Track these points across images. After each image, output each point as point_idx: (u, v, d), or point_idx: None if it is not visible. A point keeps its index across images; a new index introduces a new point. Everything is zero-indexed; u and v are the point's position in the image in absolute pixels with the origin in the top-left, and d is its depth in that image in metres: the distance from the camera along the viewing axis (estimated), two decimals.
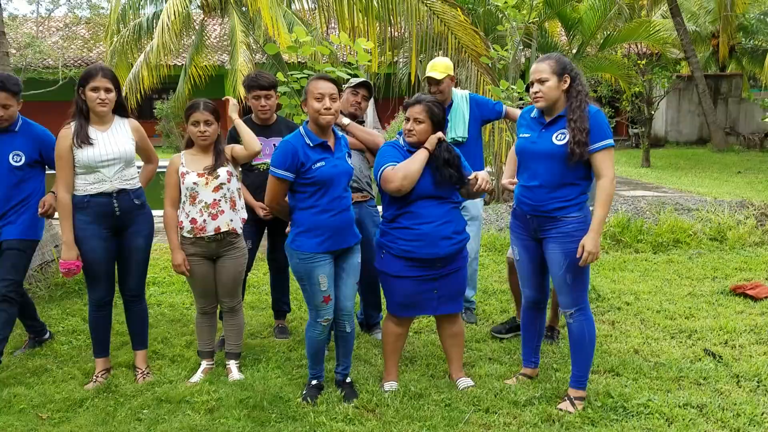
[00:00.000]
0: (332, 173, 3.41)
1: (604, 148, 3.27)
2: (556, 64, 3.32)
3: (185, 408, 3.54)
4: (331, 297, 3.52)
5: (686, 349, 4.24)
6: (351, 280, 3.62)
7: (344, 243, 3.52)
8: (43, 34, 21.95)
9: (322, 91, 3.38)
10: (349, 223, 3.53)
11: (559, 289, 3.45)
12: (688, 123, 20.80)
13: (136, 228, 3.82)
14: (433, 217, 3.49)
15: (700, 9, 21.95)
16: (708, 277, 5.98)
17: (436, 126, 3.55)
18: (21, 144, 3.96)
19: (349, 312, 3.63)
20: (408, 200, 3.49)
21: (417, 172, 3.44)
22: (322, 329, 3.56)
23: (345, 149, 3.58)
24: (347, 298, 3.62)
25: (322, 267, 3.46)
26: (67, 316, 5.04)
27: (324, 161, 3.41)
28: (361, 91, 4.39)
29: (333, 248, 3.48)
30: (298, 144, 3.40)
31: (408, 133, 3.55)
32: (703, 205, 7.96)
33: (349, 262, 3.60)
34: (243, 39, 13.22)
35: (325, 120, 3.40)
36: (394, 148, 3.61)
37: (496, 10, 9.61)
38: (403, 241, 3.52)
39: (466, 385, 3.71)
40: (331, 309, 3.54)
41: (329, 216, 3.43)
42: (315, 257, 3.45)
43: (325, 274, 3.47)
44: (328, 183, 3.41)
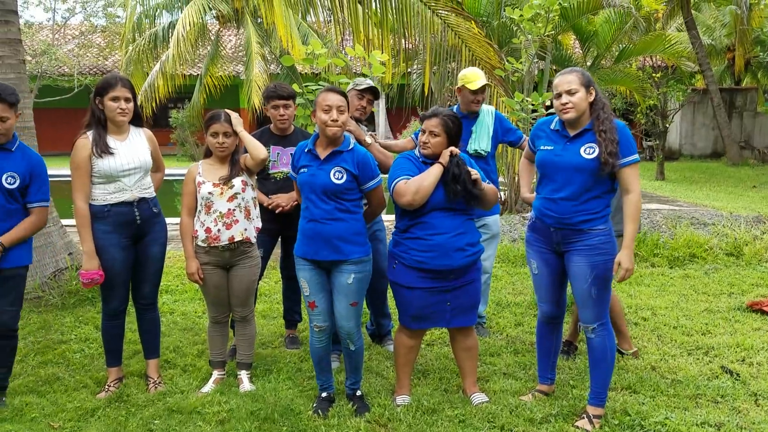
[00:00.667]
0: (306, 181, 3.47)
1: (632, 163, 3.26)
2: (583, 77, 3.31)
3: (196, 419, 3.52)
4: (317, 305, 3.53)
5: (703, 366, 4.18)
6: (343, 300, 3.52)
7: (316, 255, 3.47)
8: (59, 41, 22.17)
9: (330, 103, 3.42)
10: (323, 237, 3.43)
11: (582, 303, 3.41)
12: (702, 136, 20.68)
13: (153, 236, 3.83)
14: (446, 228, 3.46)
15: (716, 22, 21.87)
16: (724, 292, 5.91)
17: (452, 139, 3.53)
18: (16, 165, 3.54)
19: (349, 332, 3.56)
20: (422, 211, 3.47)
21: (430, 187, 3.42)
22: (317, 335, 3.58)
23: (343, 164, 3.46)
24: (342, 318, 3.54)
25: (301, 271, 3.54)
26: (80, 324, 5.04)
27: (306, 168, 3.49)
28: (367, 96, 4.37)
29: (306, 255, 3.51)
30: (300, 148, 3.60)
31: (423, 146, 3.54)
32: (719, 219, 7.88)
33: (337, 280, 3.51)
34: (258, 50, 13.32)
35: (331, 131, 3.43)
36: (408, 160, 3.59)
37: (511, 23, 9.60)
38: (416, 251, 3.50)
39: (481, 400, 3.66)
40: (320, 317, 3.55)
41: (304, 222, 3.51)
42: (298, 260, 3.56)
43: (305, 279, 3.52)
44: (305, 190, 3.49)
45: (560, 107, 3.33)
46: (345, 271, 3.49)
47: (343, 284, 3.50)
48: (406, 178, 3.48)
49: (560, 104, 3.32)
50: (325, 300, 3.55)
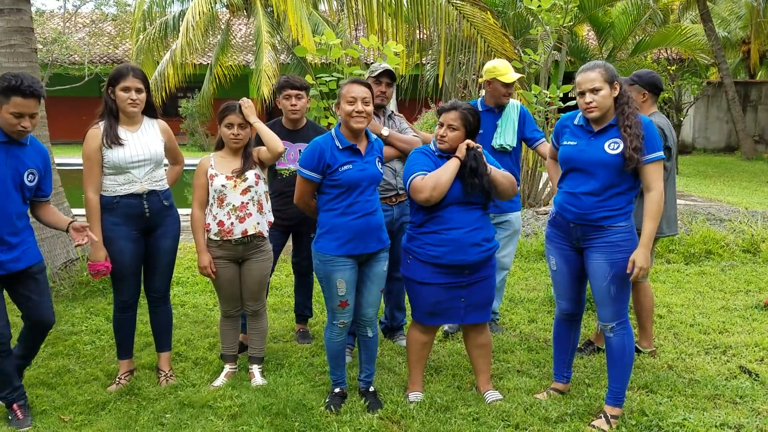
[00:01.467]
0: (358, 177, 3.37)
1: (656, 160, 3.18)
2: (606, 72, 3.22)
3: (208, 413, 3.49)
4: (349, 303, 3.48)
5: (721, 366, 4.11)
6: (375, 288, 3.57)
7: (366, 248, 3.45)
8: (70, 30, 22.15)
9: (355, 95, 3.35)
10: (372, 228, 3.44)
11: (601, 301, 3.34)
12: (716, 130, 20.48)
13: (164, 229, 3.78)
14: (462, 223, 3.41)
15: (731, 15, 21.62)
16: (741, 290, 5.82)
17: (470, 134, 3.47)
18: (33, 161, 3.36)
19: (371, 318, 3.59)
20: (438, 206, 3.41)
21: (448, 183, 3.35)
22: (339, 331, 3.54)
23: (377, 154, 3.53)
24: (369, 305, 3.57)
25: (341, 271, 3.42)
26: (91, 315, 5.02)
27: (351, 164, 3.37)
28: (384, 80, 4.28)
29: (353, 252, 3.42)
30: (326, 146, 3.40)
31: (440, 140, 3.47)
32: (735, 215, 7.78)
33: (373, 270, 3.54)
34: (268, 39, 13.25)
35: (356, 124, 3.37)
36: (424, 155, 3.52)
37: (527, 13, 9.49)
38: (431, 246, 3.45)
39: (494, 398, 3.61)
40: (348, 313, 3.52)
41: (351, 219, 3.38)
42: (335, 260, 3.41)
43: (344, 279, 3.43)
44: (353, 186, 3.37)
45: (584, 106, 3.24)
46: (382, 258, 3.55)
47: (379, 272, 3.56)
48: (423, 174, 3.40)
49: (584, 103, 3.24)
50: (354, 296, 3.53)
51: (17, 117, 3.16)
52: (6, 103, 3.14)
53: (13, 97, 3.13)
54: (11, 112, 3.14)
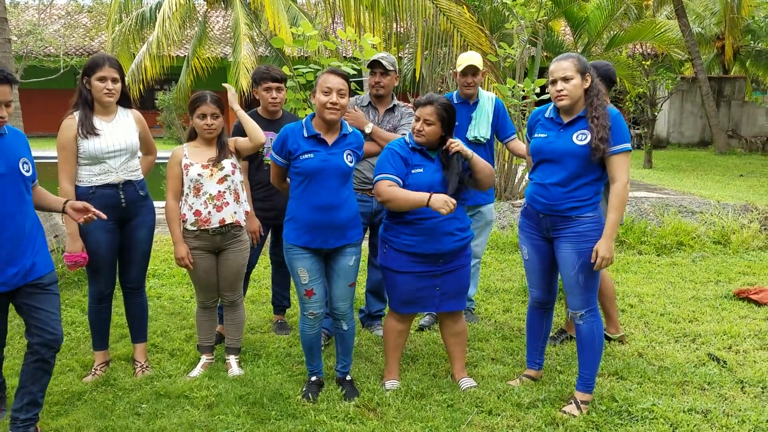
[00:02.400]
0: (319, 167, 3.35)
1: (623, 151, 3.25)
2: (579, 63, 3.29)
3: (184, 403, 3.50)
4: (315, 292, 3.48)
5: (690, 354, 4.20)
6: (341, 282, 3.54)
7: (324, 243, 3.43)
8: (45, 21, 21.85)
9: (331, 86, 3.33)
10: (334, 225, 3.41)
11: (570, 290, 3.41)
12: (690, 125, 20.76)
13: (140, 219, 3.78)
14: (436, 213, 3.41)
15: (706, 11, 21.90)
16: (712, 280, 5.94)
17: (446, 128, 3.49)
18: (19, 149, 3.07)
19: (344, 312, 3.58)
20: None
21: (405, 208, 3.40)
22: (311, 323, 3.54)
23: (348, 147, 3.47)
24: (338, 299, 3.57)
25: (301, 260, 3.44)
26: (66, 308, 5.00)
27: (313, 154, 3.36)
28: (376, 69, 4.26)
29: (311, 245, 3.42)
30: (292, 132, 3.43)
31: (417, 134, 3.49)
32: (706, 207, 7.92)
33: (339, 263, 3.52)
34: (246, 32, 13.18)
35: (329, 115, 3.36)
36: (397, 153, 3.48)
37: (503, 8, 9.56)
38: (405, 235, 3.50)
39: (469, 385, 3.67)
40: (316, 304, 3.51)
41: (309, 210, 3.38)
42: (294, 249, 3.45)
43: (305, 268, 3.44)
44: (313, 176, 3.36)
45: (555, 94, 3.31)
46: (347, 253, 3.51)
47: (345, 266, 3.52)
48: (391, 179, 3.41)
49: (555, 91, 3.30)
50: (322, 286, 3.53)
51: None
52: None
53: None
54: None
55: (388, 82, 4.28)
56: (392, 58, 4.37)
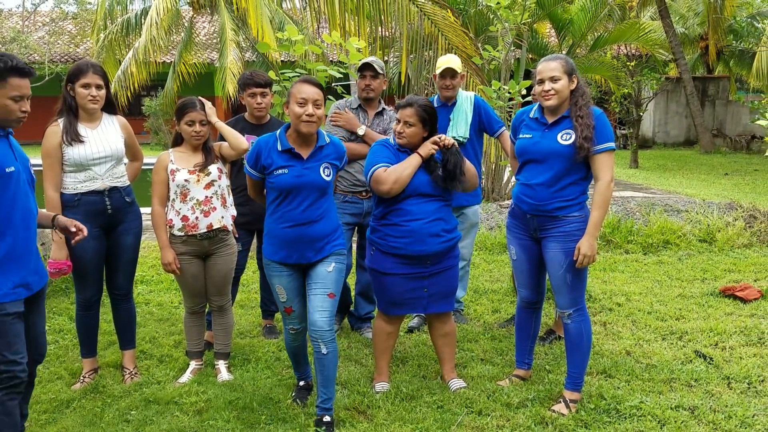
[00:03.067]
0: (293, 183, 3.19)
1: (606, 150, 3.28)
2: (567, 64, 3.33)
3: (174, 409, 3.49)
4: (294, 309, 3.38)
5: (677, 351, 4.24)
6: (319, 291, 3.25)
7: (301, 258, 3.27)
8: (29, 28, 21.75)
9: (306, 96, 3.14)
10: (308, 239, 3.24)
11: (558, 289, 3.44)
12: (675, 124, 20.92)
13: (126, 226, 3.76)
14: (422, 214, 3.45)
15: (689, 11, 22.11)
16: (698, 278, 6.00)
17: (427, 128, 3.51)
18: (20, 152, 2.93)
19: (321, 328, 3.20)
20: (397, 198, 3.47)
21: (408, 178, 3.41)
22: (292, 337, 3.48)
23: (326, 160, 3.28)
24: (315, 310, 3.23)
25: (278, 277, 3.32)
26: (54, 315, 4.97)
27: (287, 169, 3.19)
28: (366, 72, 4.31)
29: (287, 261, 3.28)
30: (266, 145, 3.26)
31: (398, 135, 3.51)
32: (692, 206, 7.99)
33: (316, 271, 3.29)
34: (233, 37, 13.16)
35: (306, 128, 3.17)
36: (385, 148, 3.57)
37: (487, 11, 9.60)
38: (392, 237, 3.50)
39: (458, 386, 3.68)
40: (296, 320, 3.41)
41: (284, 227, 3.23)
42: (271, 265, 3.34)
43: (282, 285, 3.32)
44: (286, 192, 3.21)
45: (542, 94, 3.34)
46: (326, 261, 3.31)
47: (323, 273, 3.28)
48: (385, 166, 3.45)
49: (542, 91, 3.33)
50: (301, 303, 3.39)
51: (17, 101, 2.69)
52: (2, 87, 2.64)
53: (11, 78, 2.64)
54: (11, 97, 2.66)
55: (378, 85, 4.35)
56: (381, 62, 4.43)
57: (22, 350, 2.70)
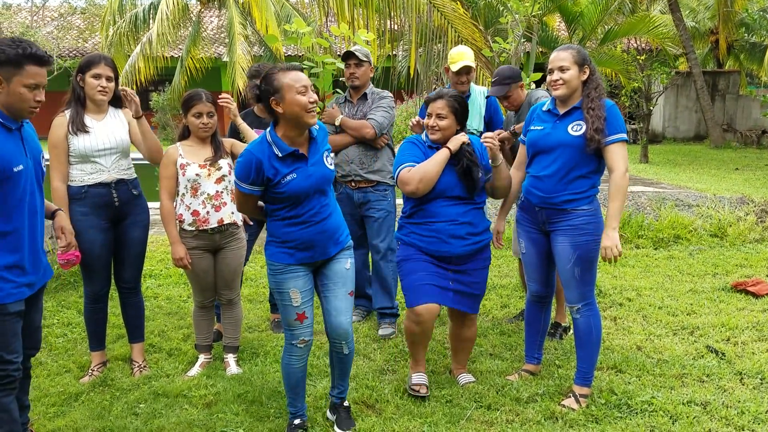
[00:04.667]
0: (306, 185, 2.90)
1: (619, 141, 3.24)
2: (578, 55, 3.30)
3: (182, 402, 3.49)
4: (307, 316, 3.03)
5: (689, 346, 4.20)
6: (340, 290, 3.08)
7: (323, 254, 3.03)
8: (38, 24, 21.81)
9: (306, 83, 2.84)
10: (329, 233, 3.01)
11: (566, 283, 3.40)
12: (685, 119, 20.77)
13: (133, 218, 3.75)
14: (448, 216, 3.35)
15: (699, 5, 21.92)
16: (709, 273, 5.95)
17: (460, 120, 3.40)
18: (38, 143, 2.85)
19: (346, 330, 3.08)
20: (425, 198, 3.37)
21: (435, 175, 3.27)
22: (299, 354, 3.07)
23: (322, 149, 3.00)
24: (340, 312, 3.06)
25: (294, 279, 2.99)
26: (62, 309, 4.98)
27: (295, 173, 2.88)
28: (350, 60, 4.35)
29: (308, 261, 3.02)
30: (263, 156, 2.86)
31: (431, 130, 3.39)
32: (703, 201, 7.93)
33: (333, 269, 3.08)
34: (241, 31, 13.15)
35: (311, 119, 2.86)
36: (414, 145, 3.45)
37: (497, 3, 9.54)
38: (416, 235, 3.43)
39: (467, 380, 3.66)
40: (308, 330, 3.06)
41: (303, 228, 2.95)
42: (285, 268, 3.00)
43: (297, 288, 3.00)
44: (301, 196, 2.92)
45: (551, 83, 3.32)
46: (341, 257, 3.10)
47: (342, 271, 3.09)
48: (411, 165, 3.34)
49: (552, 80, 3.31)
50: (312, 308, 3.10)
51: (32, 89, 2.58)
52: (18, 74, 2.52)
53: (28, 65, 2.53)
54: (26, 84, 2.55)
55: (363, 72, 4.38)
56: (365, 50, 4.46)
57: (18, 349, 2.65)
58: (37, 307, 2.88)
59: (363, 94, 4.43)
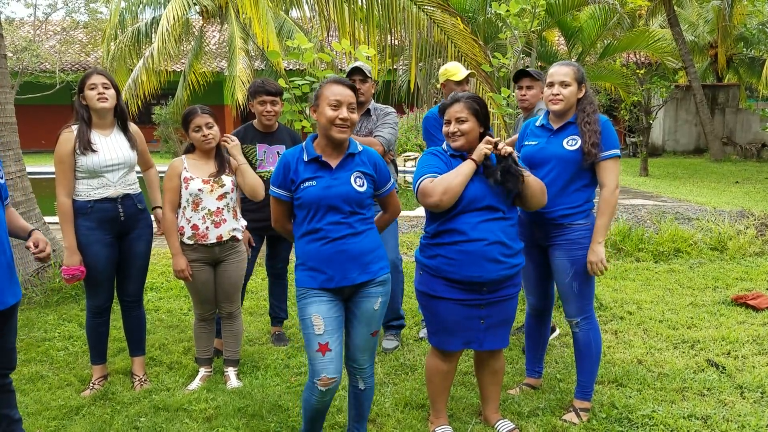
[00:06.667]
0: (320, 196, 2.79)
1: (611, 157, 3.27)
2: (578, 72, 3.34)
3: (183, 416, 3.49)
4: (331, 348, 2.79)
5: (689, 360, 4.20)
6: (363, 329, 2.93)
7: (344, 280, 2.83)
8: (41, 37, 21.91)
9: (341, 98, 2.79)
10: (351, 255, 2.82)
11: (565, 297, 3.42)
12: (685, 133, 20.84)
13: (137, 233, 3.78)
14: (480, 235, 2.98)
15: (699, 19, 22.04)
16: (709, 287, 5.95)
17: (482, 121, 3.08)
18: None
19: (362, 366, 2.97)
20: (452, 213, 3.02)
21: (460, 187, 2.94)
22: (320, 395, 2.82)
23: (358, 168, 2.89)
24: (359, 350, 2.95)
25: (316, 304, 2.82)
26: (64, 322, 4.99)
27: (315, 181, 2.81)
28: (355, 77, 4.36)
29: (329, 285, 2.82)
30: (293, 158, 2.88)
31: (452, 137, 3.08)
32: (703, 214, 7.95)
33: (360, 308, 2.90)
34: (242, 46, 13.22)
35: (340, 134, 2.80)
36: (435, 156, 3.14)
37: (496, 19, 9.62)
38: (443, 258, 3.04)
39: (509, 428, 3.28)
40: (332, 366, 2.79)
41: (320, 245, 2.81)
42: (308, 293, 2.85)
43: (320, 314, 2.80)
44: (315, 207, 2.81)
45: (551, 97, 3.34)
46: (372, 294, 2.91)
47: (369, 311, 2.91)
48: (433, 176, 3.01)
49: (551, 94, 3.34)
50: (339, 341, 2.86)
51: None
52: None
53: None
54: None
55: (367, 89, 4.40)
56: (368, 67, 4.50)
57: None
58: (9, 327, 2.78)
59: (366, 110, 4.45)
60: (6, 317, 2.73)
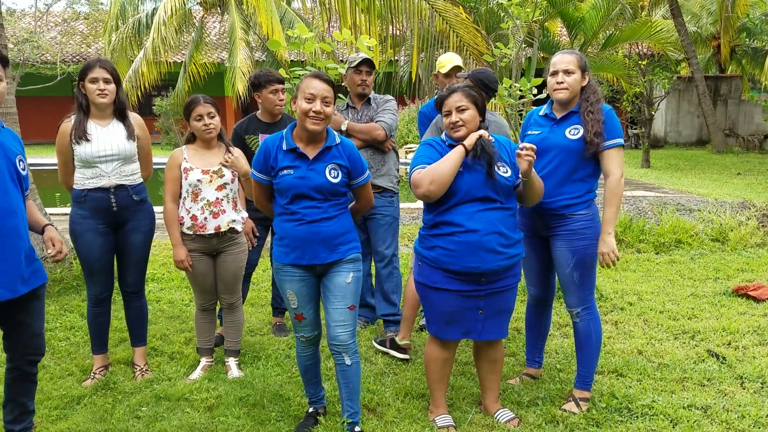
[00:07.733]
0: (295, 185, 2.98)
1: (615, 146, 3.26)
2: (581, 60, 3.33)
3: (184, 406, 3.50)
4: (305, 317, 3.13)
5: (690, 350, 4.21)
6: (338, 303, 3.07)
7: (315, 258, 3.02)
8: (42, 29, 21.88)
9: (314, 92, 2.94)
10: (321, 237, 3.00)
11: (566, 287, 3.41)
12: (687, 124, 20.79)
13: (134, 224, 3.77)
14: (477, 226, 2.98)
15: (702, 10, 21.96)
16: (710, 278, 5.95)
17: (481, 110, 3.10)
18: (15, 146, 2.84)
19: (344, 342, 3.07)
20: (448, 204, 3.02)
21: (449, 175, 2.94)
22: (303, 345, 3.21)
23: (333, 161, 3.04)
24: (338, 325, 3.06)
25: (289, 282, 3.09)
26: (65, 312, 5.00)
27: (292, 170, 2.99)
28: (363, 68, 4.38)
29: (300, 262, 3.03)
30: (273, 146, 3.05)
31: (453, 127, 3.06)
32: (704, 205, 7.94)
33: (333, 281, 3.08)
34: (242, 36, 13.18)
35: (312, 125, 2.95)
36: (430, 147, 3.13)
37: (498, 8, 9.58)
38: (441, 249, 3.05)
39: (508, 418, 3.28)
40: (307, 328, 3.16)
41: (295, 225, 3.01)
42: (282, 269, 3.09)
43: (293, 291, 3.09)
44: (292, 195, 2.99)
45: (554, 85, 3.32)
46: (343, 270, 3.08)
47: (341, 285, 3.07)
48: (423, 167, 3.03)
49: (555, 82, 3.31)
50: (313, 310, 3.18)
51: None
52: None
53: None
54: None
55: (371, 81, 4.47)
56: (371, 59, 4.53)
57: None
58: (30, 311, 2.83)
59: (367, 100, 4.47)
60: (26, 302, 2.79)
